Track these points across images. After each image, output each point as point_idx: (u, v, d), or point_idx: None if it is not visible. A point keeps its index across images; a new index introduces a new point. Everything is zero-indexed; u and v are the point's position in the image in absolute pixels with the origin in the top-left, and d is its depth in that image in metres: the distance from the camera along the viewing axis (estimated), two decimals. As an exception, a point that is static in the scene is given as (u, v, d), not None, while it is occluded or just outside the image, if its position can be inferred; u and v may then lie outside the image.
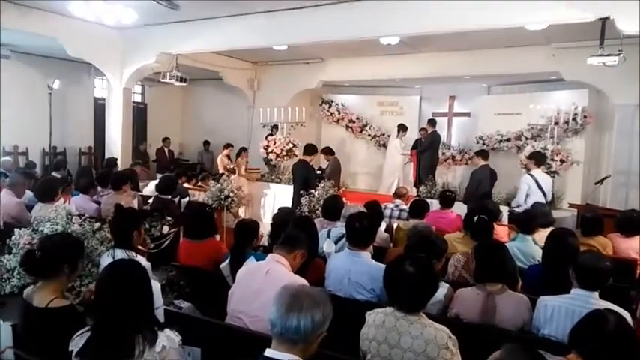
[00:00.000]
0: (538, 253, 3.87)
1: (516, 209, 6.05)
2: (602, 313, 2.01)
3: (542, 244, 3.68)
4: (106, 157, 9.24)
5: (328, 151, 9.16)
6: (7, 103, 8.96)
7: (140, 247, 3.35)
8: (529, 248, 4.04)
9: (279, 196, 8.81)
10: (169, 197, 5.79)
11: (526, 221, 4.28)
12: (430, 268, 2.42)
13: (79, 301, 2.59)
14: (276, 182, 9.23)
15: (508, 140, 9.70)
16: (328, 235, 4.14)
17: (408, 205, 5.56)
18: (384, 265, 2.78)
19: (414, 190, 8.78)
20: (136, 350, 1.87)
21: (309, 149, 7.57)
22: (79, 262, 2.58)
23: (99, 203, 5.64)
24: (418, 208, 5.14)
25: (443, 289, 3.04)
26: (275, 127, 9.69)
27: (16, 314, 2.47)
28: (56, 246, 2.50)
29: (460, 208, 5.76)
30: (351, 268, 3.19)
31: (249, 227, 3.72)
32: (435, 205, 6.18)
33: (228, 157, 9.93)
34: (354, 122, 11.53)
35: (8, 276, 3.09)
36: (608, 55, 5.43)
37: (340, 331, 2.04)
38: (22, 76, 9.68)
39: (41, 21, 7.58)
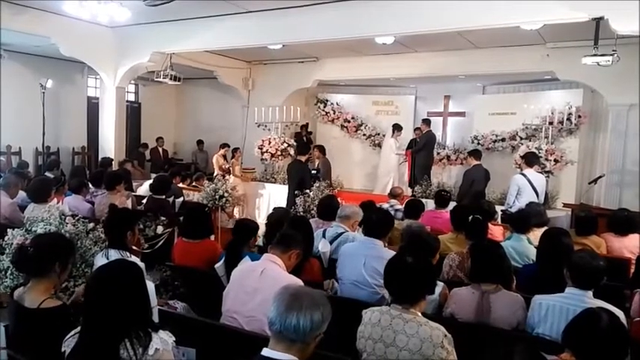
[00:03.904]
0: (532, 253, 3.88)
1: (509, 210, 6.06)
2: (595, 312, 2.02)
3: (537, 243, 3.69)
4: (100, 156, 9.20)
5: (322, 150, 9.17)
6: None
7: (134, 247, 3.33)
8: (524, 248, 4.05)
9: (274, 195, 8.80)
10: (163, 197, 5.76)
11: (520, 221, 4.29)
12: (428, 260, 2.48)
13: (70, 302, 2.57)
14: (271, 182, 9.22)
15: (503, 140, 9.72)
16: (324, 235, 4.14)
17: (403, 205, 5.57)
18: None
19: (409, 189, 8.79)
20: (125, 354, 1.83)
21: (304, 148, 7.57)
22: (70, 261, 2.56)
23: (92, 203, 5.61)
24: (413, 208, 5.15)
25: (438, 287, 3.05)
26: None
27: (8, 315, 2.46)
28: (47, 244, 2.49)
29: (455, 208, 5.77)
30: (367, 254, 3.37)
31: (249, 227, 3.68)
32: (430, 204, 6.19)
33: (224, 156, 9.91)
34: (349, 122, 11.52)
35: (1, 276, 3.06)
36: (602, 55, 5.45)
37: (338, 329, 2.03)
38: (15, 76, 9.61)
39: (34, 20, 7.52)
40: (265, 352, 1.76)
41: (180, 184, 7.92)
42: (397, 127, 9.96)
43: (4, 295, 2.91)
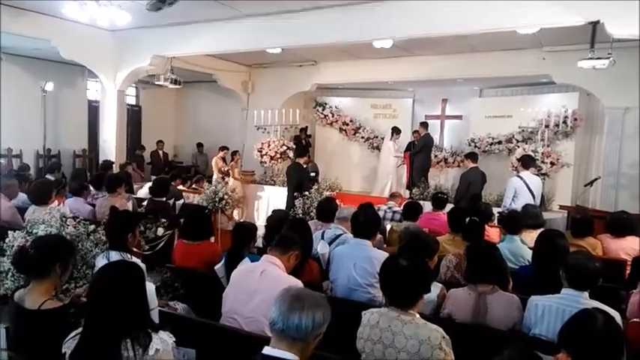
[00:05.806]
0: (527, 253, 3.91)
1: (506, 211, 6.09)
2: (590, 313, 2.03)
3: (533, 245, 3.72)
4: (101, 159, 9.22)
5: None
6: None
7: (135, 249, 3.35)
8: (517, 249, 4.08)
9: (273, 198, 8.82)
10: (163, 199, 5.78)
11: (511, 222, 4.34)
12: (423, 262, 2.49)
13: (68, 303, 2.59)
14: (271, 184, 9.25)
15: (499, 143, 9.77)
16: (322, 237, 4.17)
17: (401, 207, 5.61)
18: (386, 253, 3.00)
19: (407, 191, 8.83)
20: (125, 354, 1.86)
21: (302, 151, 7.60)
22: (71, 263, 2.56)
23: (93, 205, 5.63)
24: (412, 210, 5.19)
25: (436, 288, 3.08)
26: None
27: (9, 317, 2.47)
28: (48, 245, 2.50)
29: (452, 210, 5.79)
30: (357, 255, 3.42)
31: (248, 229, 3.70)
32: (427, 206, 6.22)
33: (224, 159, 9.94)
34: (347, 125, 11.57)
35: (2, 278, 3.08)
36: (598, 59, 5.50)
37: (335, 330, 2.06)
38: (15, 79, 9.62)
39: (34, 23, 7.54)
40: (267, 350, 1.79)
41: (181, 187, 7.95)
42: (396, 130, 10.01)
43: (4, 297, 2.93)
